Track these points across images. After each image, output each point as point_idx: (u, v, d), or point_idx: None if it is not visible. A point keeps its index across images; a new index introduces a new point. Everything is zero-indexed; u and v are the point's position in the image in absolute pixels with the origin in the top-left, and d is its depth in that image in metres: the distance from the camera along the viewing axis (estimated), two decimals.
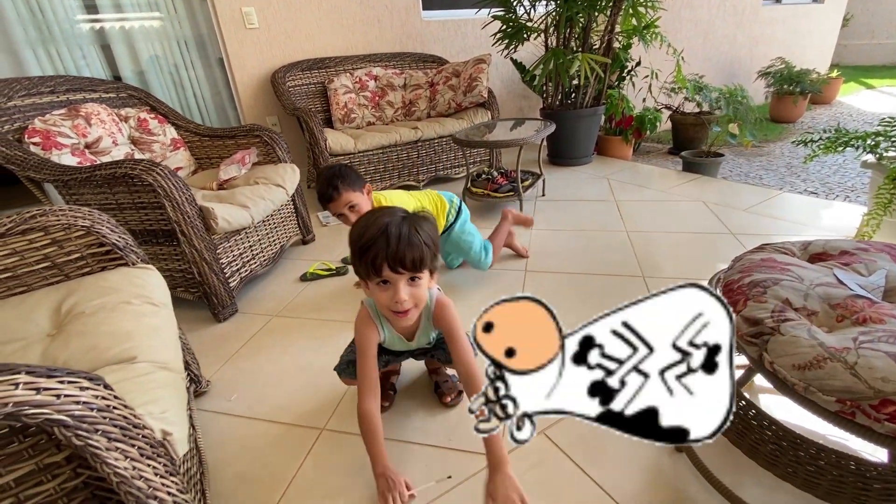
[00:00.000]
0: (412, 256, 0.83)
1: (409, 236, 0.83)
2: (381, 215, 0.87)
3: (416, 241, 0.84)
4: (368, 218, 0.88)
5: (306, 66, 2.90)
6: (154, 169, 1.42)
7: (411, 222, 0.86)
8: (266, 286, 1.89)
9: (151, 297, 0.99)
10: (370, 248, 0.83)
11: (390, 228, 0.83)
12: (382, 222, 0.84)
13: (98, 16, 2.50)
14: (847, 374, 0.61)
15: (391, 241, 0.82)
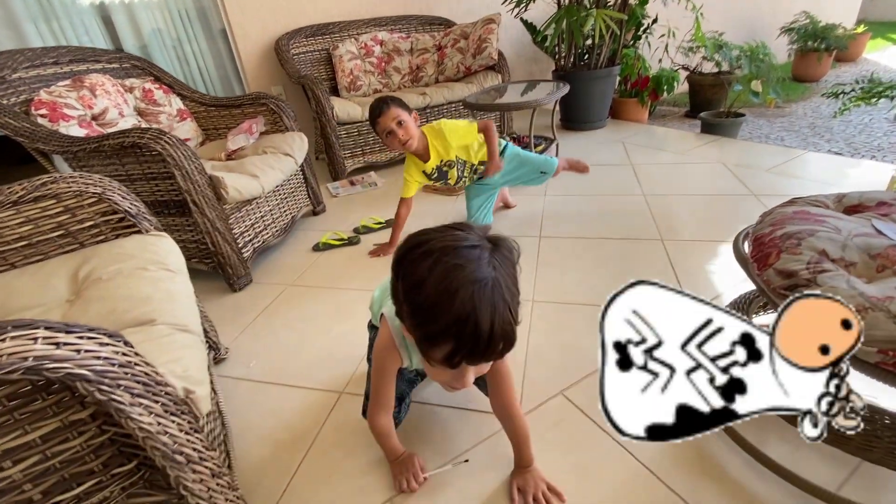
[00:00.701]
0: (503, 346, 0.60)
1: (504, 323, 0.58)
2: (465, 276, 0.56)
3: (511, 326, 0.60)
4: (444, 274, 0.56)
5: (310, 33, 2.82)
6: (162, 137, 1.40)
7: (505, 288, 0.59)
8: (279, 257, 1.88)
9: (167, 263, 0.99)
10: (445, 339, 0.58)
11: (481, 317, 0.56)
12: (468, 301, 0.55)
13: None
14: (891, 324, 0.59)
15: (481, 339, 0.57)
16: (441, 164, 1.71)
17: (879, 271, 0.69)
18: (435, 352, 0.60)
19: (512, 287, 0.61)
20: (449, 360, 0.59)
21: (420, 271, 0.58)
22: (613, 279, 1.47)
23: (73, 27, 2.39)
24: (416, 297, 0.59)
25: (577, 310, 1.35)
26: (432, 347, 0.60)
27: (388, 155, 2.73)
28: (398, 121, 1.56)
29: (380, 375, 0.84)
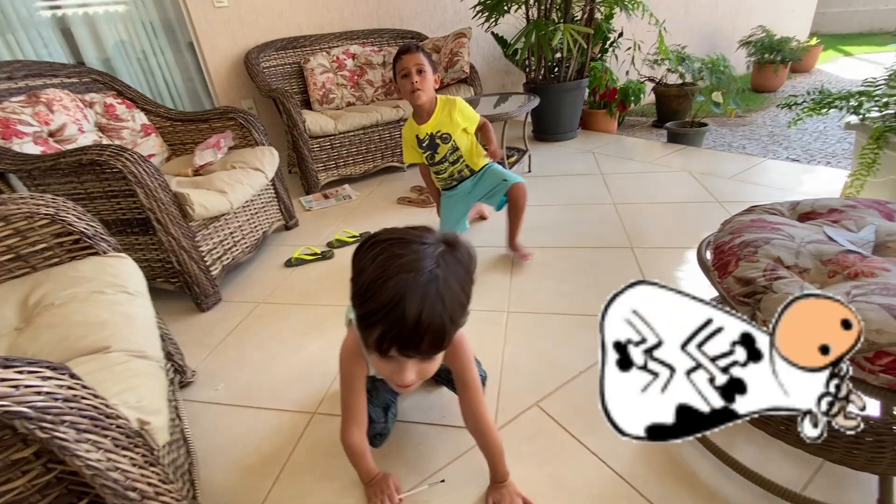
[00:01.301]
0: (432, 340, 0.60)
1: (433, 315, 0.58)
2: (402, 264, 0.59)
3: (441, 320, 0.59)
4: (384, 262, 0.59)
5: (280, 46, 2.79)
6: (122, 154, 1.36)
7: (444, 283, 0.60)
8: (250, 273, 1.84)
9: (126, 285, 0.95)
10: (374, 322, 0.59)
11: (408, 302, 0.57)
12: (400, 287, 0.57)
13: (58, 2, 2.36)
14: None
15: (406, 324, 0.57)
16: (436, 133, 1.66)
17: (831, 277, 0.72)
18: (368, 336, 0.61)
19: (455, 286, 0.62)
20: (379, 346, 0.61)
21: (365, 259, 0.61)
22: (586, 287, 1.49)
23: (31, 40, 2.31)
24: (357, 281, 0.62)
25: (551, 319, 1.36)
26: (366, 330, 0.61)
27: (362, 167, 2.72)
28: (419, 68, 1.53)
29: (347, 386, 0.82)
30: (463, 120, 1.66)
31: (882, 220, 0.85)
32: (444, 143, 1.68)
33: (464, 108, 1.66)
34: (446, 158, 1.72)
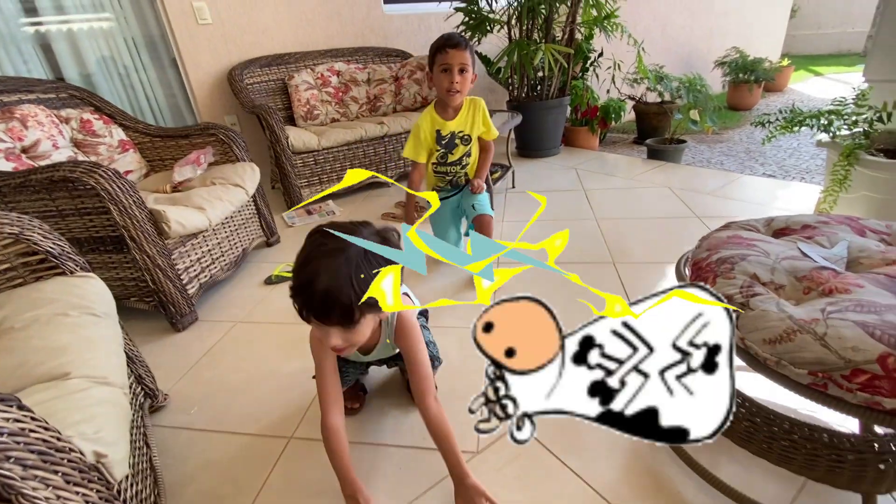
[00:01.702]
0: (341, 313, 0.72)
1: (340, 293, 0.70)
2: (324, 251, 0.72)
3: (348, 298, 0.70)
4: (313, 250, 0.74)
5: (265, 63, 2.79)
6: (96, 171, 1.32)
7: (356, 267, 0.71)
8: (228, 291, 1.79)
9: (92, 307, 0.91)
10: (296, 296, 0.74)
11: (318, 281, 0.70)
12: (314, 268, 0.71)
13: (39, 18, 2.33)
14: (817, 346, 0.61)
15: (315, 298, 0.71)
16: (458, 133, 1.59)
17: (806, 293, 0.73)
18: (298, 309, 0.75)
19: (362, 284, 0.70)
20: (301, 315, 0.75)
21: (303, 246, 0.76)
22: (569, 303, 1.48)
23: (11, 59, 2.26)
24: (294, 266, 0.76)
25: None
26: (295, 304, 0.75)
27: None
28: (463, 67, 1.43)
29: (319, 370, 0.90)
30: (483, 125, 1.61)
31: (854, 235, 0.86)
32: (463, 144, 1.61)
33: (486, 114, 1.61)
34: (459, 161, 1.65)
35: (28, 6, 2.31)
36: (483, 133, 1.65)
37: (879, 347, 0.57)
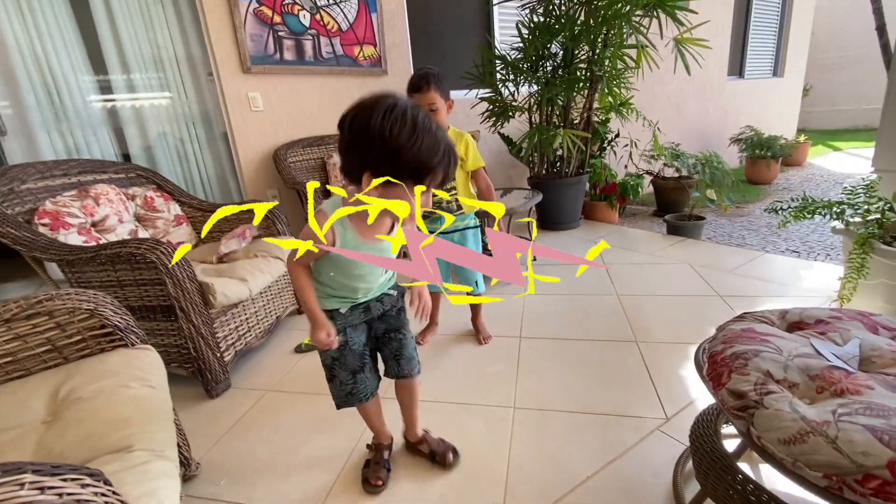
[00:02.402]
0: (454, 166, 0.89)
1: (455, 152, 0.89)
2: (440, 131, 0.86)
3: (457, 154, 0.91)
4: (435, 130, 0.85)
5: (307, 144, 3.08)
6: (158, 248, 1.48)
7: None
8: (261, 359, 1.88)
9: (150, 379, 1.00)
10: (439, 164, 0.84)
11: (452, 150, 0.86)
12: (448, 141, 0.86)
13: (110, 96, 2.68)
14: (830, 449, 0.63)
15: (452, 163, 0.86)
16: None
17: (819, 392, 0.75)
18: (420, 179, 0.84)
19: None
20: (433, 179, 0.85)
21: (402, 131, 0.81)
22: (592, 384, 1.50)
23: (83, 133, 2.58)
24: (410, 149, 0.81)
25: (559, 417, 1.36)
26: (419, 175, 0.83)
27: None
28: (431, 107, 1.51)
29: (303, 257, 0.96)
30: (465, 155, 1.65)
31: (866, 332, 0.90)
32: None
33: (469, 145, 1.66)
34: (438, 205, 1.70)
35: (103, 84, 2.67)
36: (468, 165, 1.66)
37: (888, 453, 0.60)
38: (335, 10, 3.06)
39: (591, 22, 2.71)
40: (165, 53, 2.77)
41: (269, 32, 2.88)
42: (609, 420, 1.33)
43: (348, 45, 3.16)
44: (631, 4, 2.64)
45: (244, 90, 2.90)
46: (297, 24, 2.95)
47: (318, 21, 3.01)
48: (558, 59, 3.00)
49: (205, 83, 2.92)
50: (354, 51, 3.19)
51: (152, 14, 2.68)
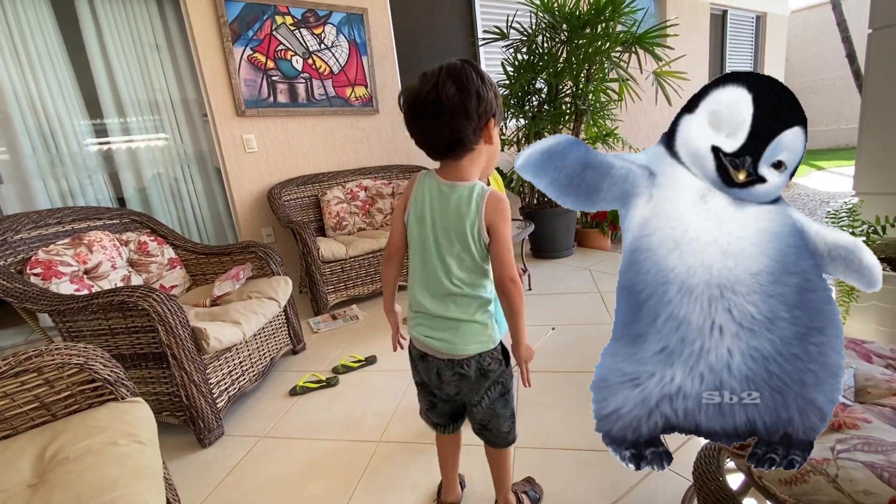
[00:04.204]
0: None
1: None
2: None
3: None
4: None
5: (301, 182, 3.12)
6: (150, 295, 1.47)
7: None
8: (254, 403, 1.84)
9: (139, 434, 0.98)
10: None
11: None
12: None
13: (106, 139, 2.72)
14: (831, 489, 0.62)
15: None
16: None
17: None
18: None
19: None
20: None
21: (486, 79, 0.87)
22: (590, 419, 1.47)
23: (78, 176, 2.60)
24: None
25: (561, 456, 1.33)
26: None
27: (370, 287, 2.85)
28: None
29: (393, 233, 0.99)
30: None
31: (860, 361, 0.90)
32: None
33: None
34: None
35: (98, 128, 2.72)
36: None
37: (889, 491, 0.59)
38: (327, 54, 3.17)
39: (573, 59, 2.82)
40: (161, 97, 2.84)
41: (263, 77, 2.97)
42: (608, 458, 1.30)
43: (340, 86, 3.26)
44: (610, 41, 2.76)
45: (238, 132, 2.97)
46: (289, 69, 3.04)
47: (311, 65, 3.11)
48: (543, 95, 3.10)
49: (200, 125, 2.98)
50: (346, 92, 3.29)
51: (148, 59, 2.76)
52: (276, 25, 2.95)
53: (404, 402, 1.71)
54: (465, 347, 0.91)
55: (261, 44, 2.92)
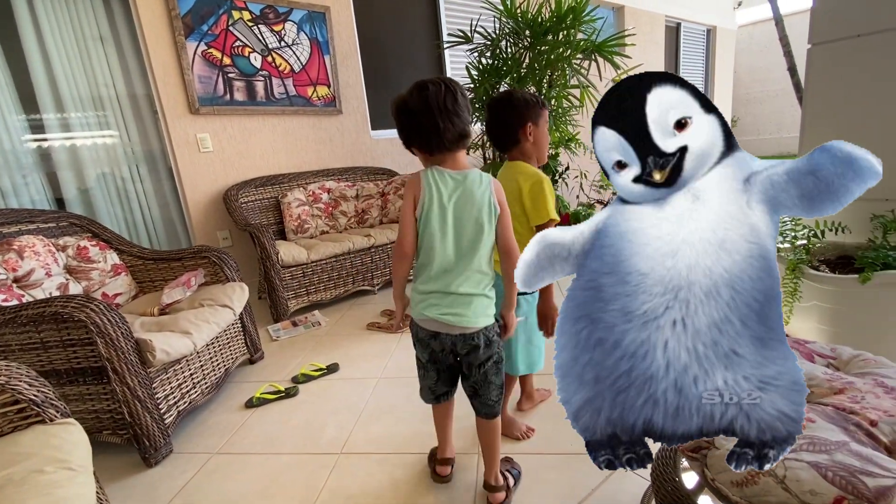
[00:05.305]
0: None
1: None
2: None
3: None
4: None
5: (259, 183, 3.01)
6: (88, 305, 1.36)
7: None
8: (207, 417, 1.74)
9: (69, 459, 0.89)
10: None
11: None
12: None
13: (43, 135, 2.51)
14: (780, 490, 0.64)
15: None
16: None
17: None
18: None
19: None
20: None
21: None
22: (554, 419, 1.48)
23: (12, 177, 2.39)
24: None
25: (524, 461, 1.33)
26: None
27: (333, 293, 2.77)
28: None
29: (404, 225, 1.05)
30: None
31: (804, 361, 0.94)
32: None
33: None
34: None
35: (35, 124, 2.50)
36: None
37: (833, 490, 0.61)
38: (287, 52, 3.07)
39: (536, 65, 2.85)
40: (106, 92, 2.65)
41: (219, 74, 2.84)
42: (572, 460, 1.31)
43: (301, 85, 3.17)
44: (571, 49, 2.81)
45: (192, 131, 2.82)
46: (247, 66, 2.93)
47: (270, 63, 3.01)
48: None
49: (150, 123, 2.81)
50: (308, 91, 3.20)
51: (91, 52, 2.58)
52: (232, 20, 2.84)
53: (368, 409, 1.66)
54: (475, 321, 1.04)
55: (216, 39, 2.79)
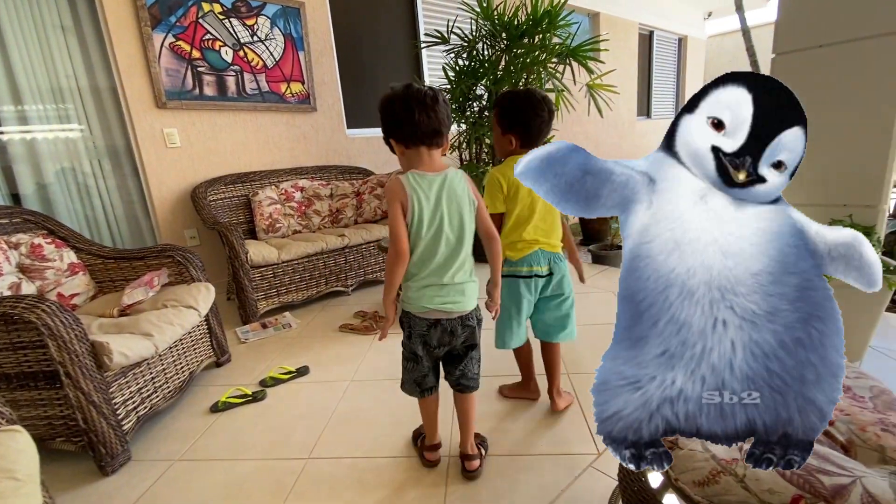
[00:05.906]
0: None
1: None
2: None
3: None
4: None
5: (229, 181, 2.92)
6: (39, 306, 1.29)
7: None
8: (169, 423, 1.67)
9: (14, 469, 0.84)
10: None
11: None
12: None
13: (0, 128, 2.38)
14: (739, 489, 0.65)
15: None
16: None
17: None
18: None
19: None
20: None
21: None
22: (525, 420, 1.49)
23: None
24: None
25: (493, 462, 1.32)
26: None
27: (305, 293, 2.72)
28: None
29: (395, 219, 1.10)
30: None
31: None
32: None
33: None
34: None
35: None
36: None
37: (791, 489, 0.63)
38: (260, 47, 3.00)
39: (512, 68, 2.88)
40: (67, 84, 2.53)
41: (188, 67, 2.75)
42: (543, 461, 1.32)
43: (274, 81, 3.10)
44: (547, 53, 2.84)
45: (159, 125, 2.72)
46: (218, 60, 2.85)
47: (242, 58, 2.93)
48: (484, 101, 3.14)
49: (114, 117, 2.69)
50: (281, 87, 3.13)
51: (52, 42, 2.46)
52: (202, 13, 2.75)
53: (338, 413, 1.63)
54: (470, 304, 1.19)
55: (185, 31, 2.70)
